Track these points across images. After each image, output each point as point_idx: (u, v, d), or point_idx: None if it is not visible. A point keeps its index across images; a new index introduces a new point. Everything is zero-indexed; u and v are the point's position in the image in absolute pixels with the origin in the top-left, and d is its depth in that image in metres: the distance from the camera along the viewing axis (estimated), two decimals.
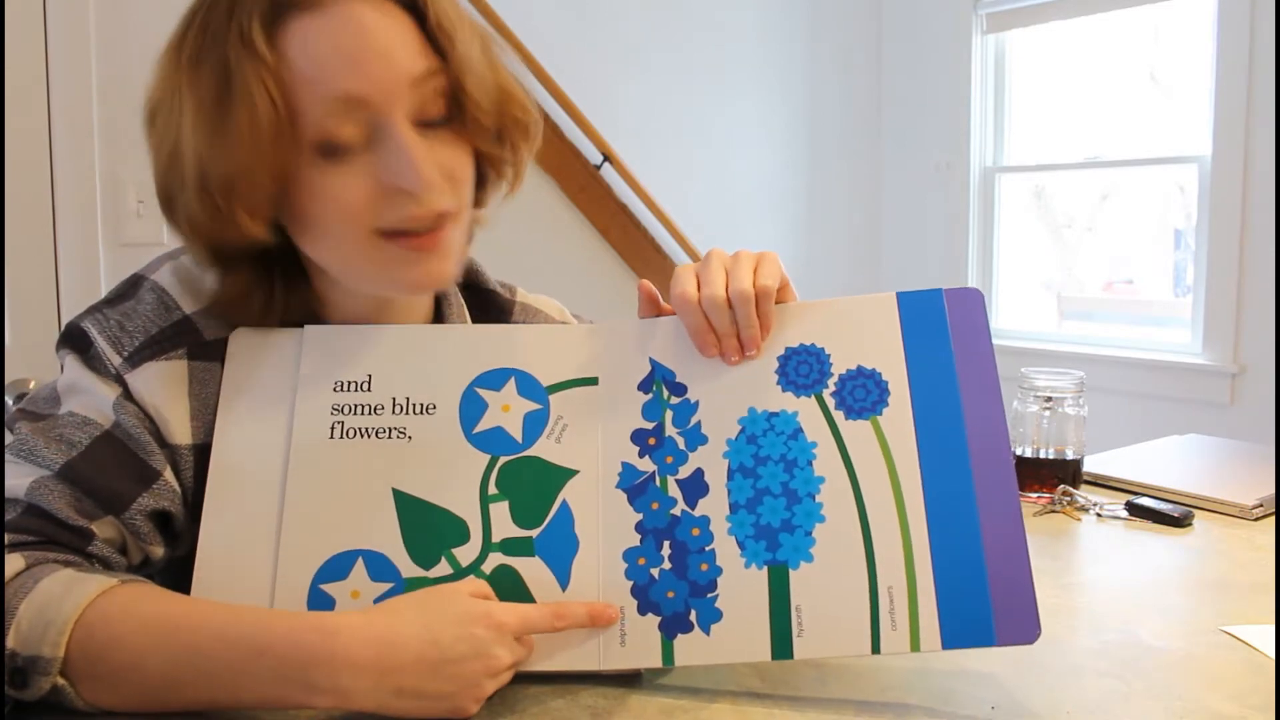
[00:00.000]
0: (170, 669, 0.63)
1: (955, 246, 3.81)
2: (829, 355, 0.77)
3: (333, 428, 0.76)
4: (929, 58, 3.83)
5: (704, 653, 0.71)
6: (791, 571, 0.72)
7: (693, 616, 0.72)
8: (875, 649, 0.69)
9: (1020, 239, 3.82)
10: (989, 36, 3.72)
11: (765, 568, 0.72)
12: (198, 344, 0.77)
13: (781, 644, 0.70)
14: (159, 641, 0.64)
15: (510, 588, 0.72)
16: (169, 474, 0.75)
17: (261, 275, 0.78)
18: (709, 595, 0.72)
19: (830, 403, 0.76)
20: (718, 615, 0.72)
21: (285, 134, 0.70)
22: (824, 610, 0.71)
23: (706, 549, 0.73)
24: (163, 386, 0.75)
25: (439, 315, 0.90)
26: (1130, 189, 3.61)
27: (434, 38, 0.74)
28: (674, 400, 0.77)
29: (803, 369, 0.77)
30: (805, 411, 0.76)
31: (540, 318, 0.97)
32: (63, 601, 0.64)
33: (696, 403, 0.77)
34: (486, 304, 0.94)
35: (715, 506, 0.74)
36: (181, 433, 0.76)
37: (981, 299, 0.79)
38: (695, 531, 0.74)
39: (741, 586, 0.72)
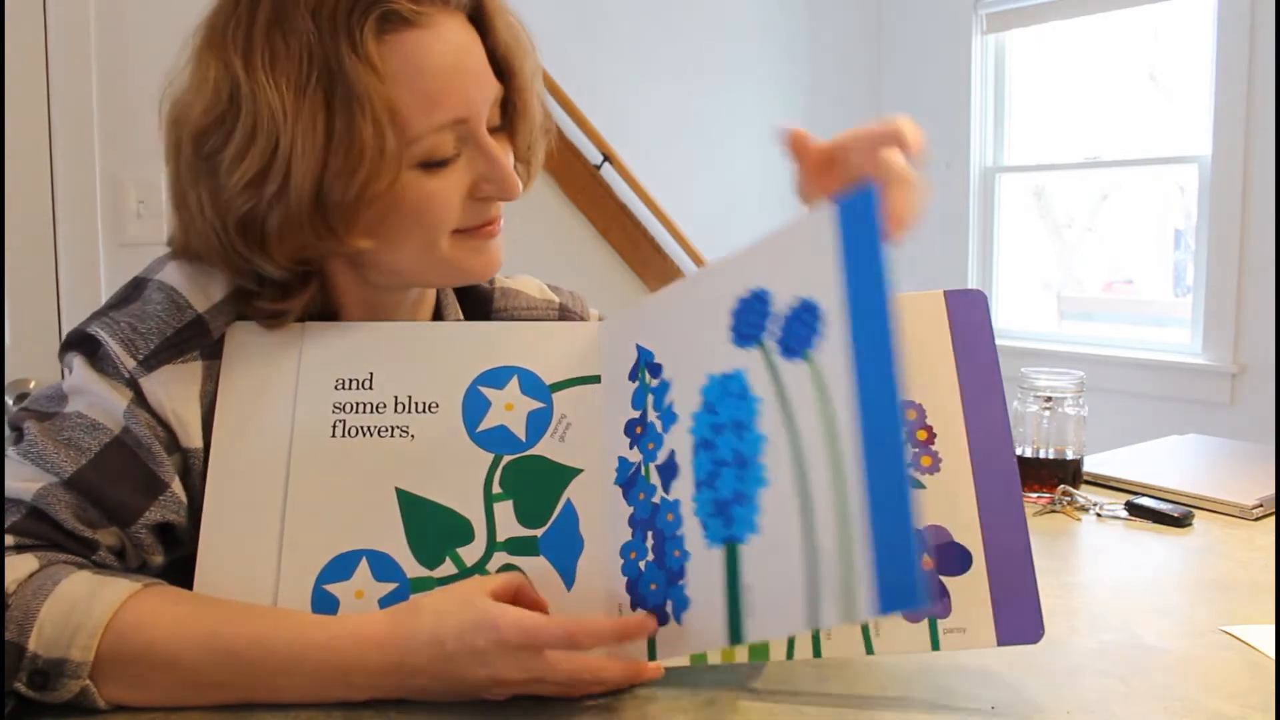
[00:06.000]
0: (207, 672, 0.65)
1: (955, 246, 3.81)
2: (770, 293, 0.67)
3: (334, 426, 0.76)
4: (929, 58, 3.82)
5: (678, 644, 0.68)
6: (741, 546, 0.65)
7: (669, 607, 0.69)
8: (814, 626, 0.60)
9: (1020, 239, 3.82)
10: (989, 36, 3.71)
11: (722, 545, 0.66)
12: (209, 344, 0.77)
13: (735, 627, 0.64)
14: (195, 646, 0.65)
15: None
16: (176, 485, 0.74)
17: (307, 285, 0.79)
18: (680, 582, 0.68)
19: (773, 348, 0.65)
20: (687, 603, 0.68)
21: (401, 152, 0.72)
22: (768, 586, 0.63)
23: (677, 534, 0.69)
24: (179, 389, 0.75)
25: (438, 309, 0.91)
26: (1130, 189, 3.61)
27: (498, 59, 0.78)
28: (653, 383, 0.75)
29: (750, 317, 0.68)
30: (752, 365, 0.67)
31: (521, 299, 0.98)
32: (91, 605, 0.64)
33: (670, 381, 0.73)
34: (469, 292, 0.95)
35: (684, 487, 0.69)
36: (195, 436, 0.75)
37: (985, 301, 0.77)
38: (670, 517, 0.70)
39: (704, 569, 0.67)
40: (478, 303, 0.95)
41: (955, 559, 0.71)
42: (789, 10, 3.70)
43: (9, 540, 0.67)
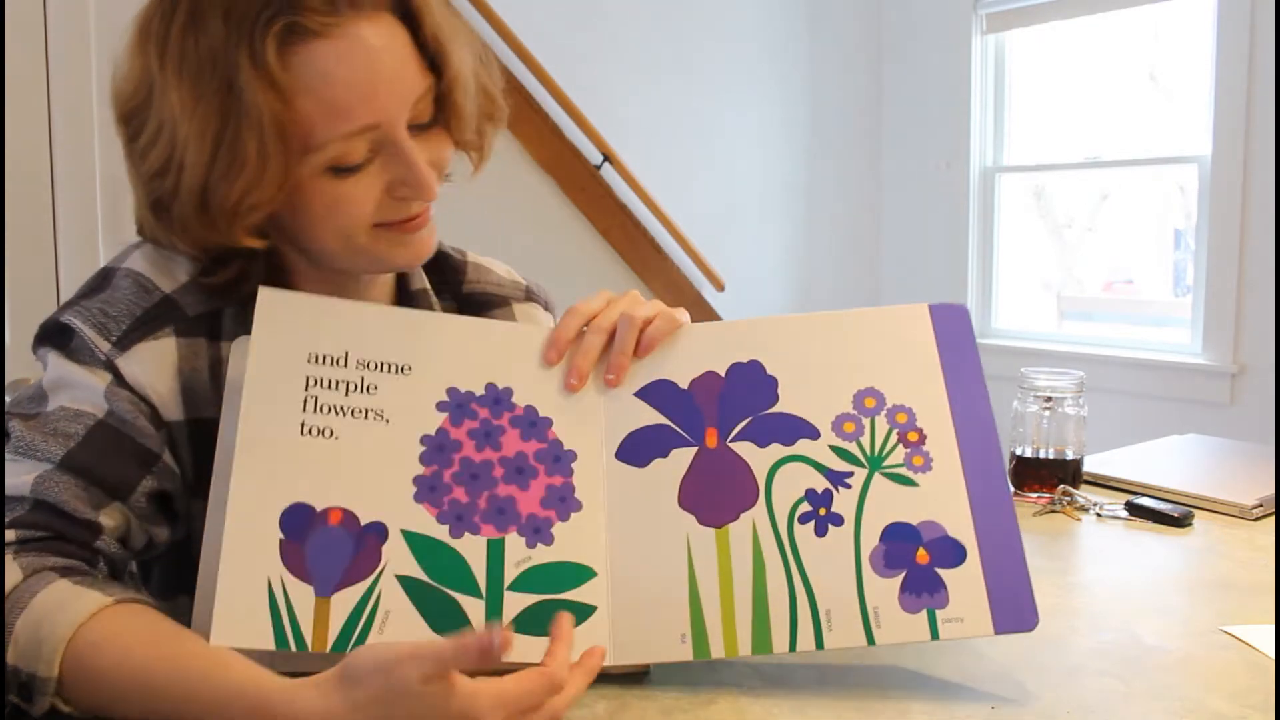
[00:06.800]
0: (145, 713, 0.63)
1: (955, 246, 3.81)
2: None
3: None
4: (929, 58, 3.83)
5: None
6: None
7: None
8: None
9: (1020, 239, 3.82)
10: (989, 36, 3.72)
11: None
12: (183, 320, 0.78)
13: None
14: (133, 684, 0.63)
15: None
16: (167, 455, 0.76)
17: (246, 260, 0.80)
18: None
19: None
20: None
21: (294, 161, 0.71)
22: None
23: None
24: (155, 366, 0.76)
25: (401, 282, 0.91)
26: (1130, 189, 3.61)
27: (428, 50, 0.75)
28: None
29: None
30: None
31: (492, 275, 0.99)
32: (56, 621, 0.63)
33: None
34: (441, 266, 0.96)
35: None
36: (175, 409, 0.77)
37: (967, 313, 0.81)
38: None
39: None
40: (448, 274, 0.96)
41: (950, 552, 0.73)
42: (789, 10, 3.70)
43: (12, 535, 0.68)
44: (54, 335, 0.77)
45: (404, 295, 0.91)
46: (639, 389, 0.78)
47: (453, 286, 0.95)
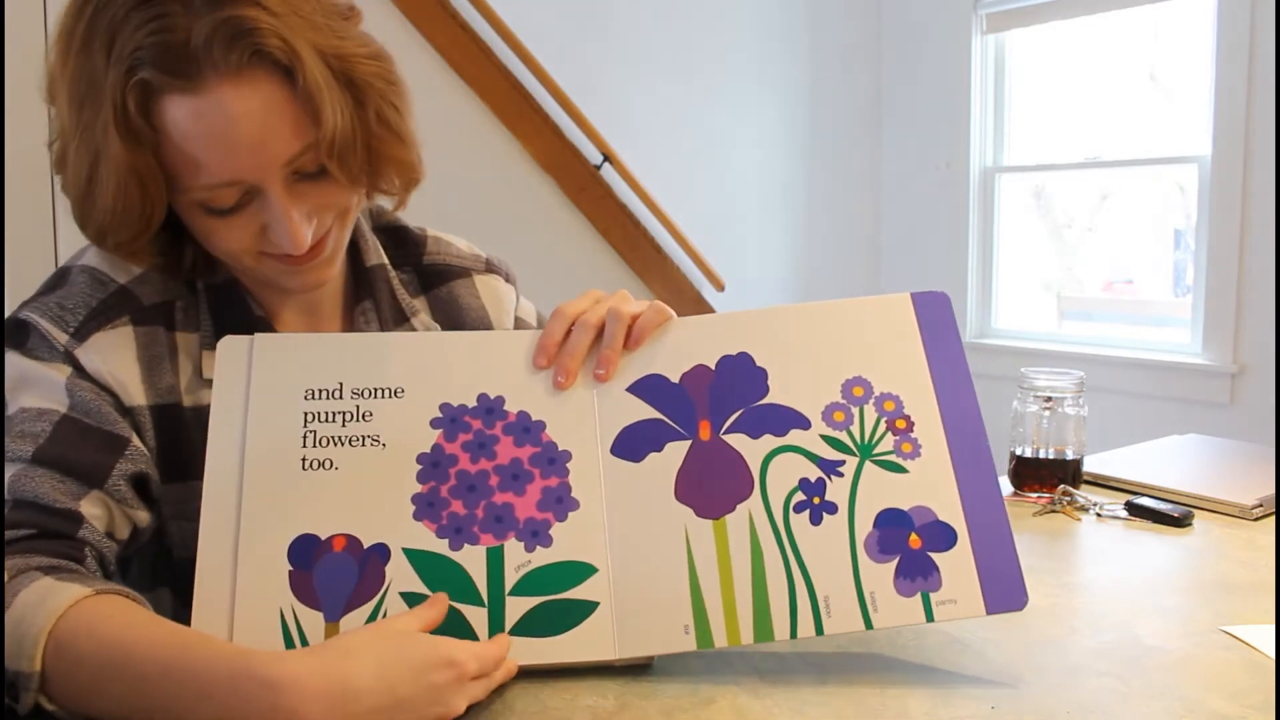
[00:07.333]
0: (122, 701, 0.62)
1: (955, 246, 3.81)
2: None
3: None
4: (929, 58, 3.83)
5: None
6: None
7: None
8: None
9: (1020, 239, 3.82)
10: (989, 36, 3.72)
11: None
12: (139, 309, 0.80)
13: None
14: (114, 671, 0.62)
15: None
16: (136, 440, 0.76)
17: (173, 252, 0.81)
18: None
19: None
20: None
21: (158, 200, 0.73)
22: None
23: None
24: (114, 353, 0.77)
25: (356, 258, 0.91)
26: (1130, 189, 3.61)
27: (306, 105, 0.72)
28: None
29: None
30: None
31: (452, 248, 0.99)
32: (35, 615, 0.63)
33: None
34: (401, 239, 0.96)
35: None
36: (138, 394, 0.78)
37: (948, 301, 0.82)
38: None
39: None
40: (408, 247, 0.96)
41: (941, 536, 0.75)
42: (789, 10, 3.70)
43: None
44: (11, 334, 0.77)
45: (358, 271, 0.91)
46: (630, 384, 0.79)
47: (413, 259, 0.96)
